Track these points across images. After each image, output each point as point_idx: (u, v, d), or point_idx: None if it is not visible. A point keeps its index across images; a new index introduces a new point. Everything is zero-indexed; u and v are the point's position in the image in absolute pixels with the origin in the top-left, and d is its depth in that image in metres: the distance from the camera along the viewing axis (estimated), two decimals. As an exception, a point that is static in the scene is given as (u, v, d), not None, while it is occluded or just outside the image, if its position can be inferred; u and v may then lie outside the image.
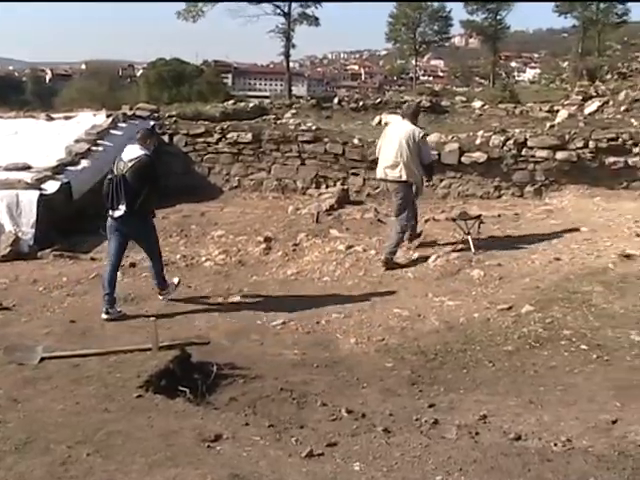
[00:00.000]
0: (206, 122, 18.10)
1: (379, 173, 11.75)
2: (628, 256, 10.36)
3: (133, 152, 9.47)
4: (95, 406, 6.20)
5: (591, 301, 8.77)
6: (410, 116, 11.67)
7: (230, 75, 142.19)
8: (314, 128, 17.07)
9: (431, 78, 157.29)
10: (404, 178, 11.32)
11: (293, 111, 28.36)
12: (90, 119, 17.68)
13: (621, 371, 6.96)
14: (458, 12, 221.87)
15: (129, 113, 18.43)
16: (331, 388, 6.85)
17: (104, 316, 9.23)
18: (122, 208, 9.29)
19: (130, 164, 9.32)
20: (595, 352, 7.40)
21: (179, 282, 10.39)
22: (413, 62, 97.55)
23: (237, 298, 9.88)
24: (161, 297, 9.95)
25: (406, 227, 11.61)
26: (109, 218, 9.48)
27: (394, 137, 11.42)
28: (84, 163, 14.96)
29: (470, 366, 7.34)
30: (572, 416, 5.87)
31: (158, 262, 10.00)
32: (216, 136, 17.00)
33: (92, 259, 11.88)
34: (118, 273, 9.77)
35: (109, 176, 9.45)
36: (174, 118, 18.45)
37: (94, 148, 15.63)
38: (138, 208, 9.35)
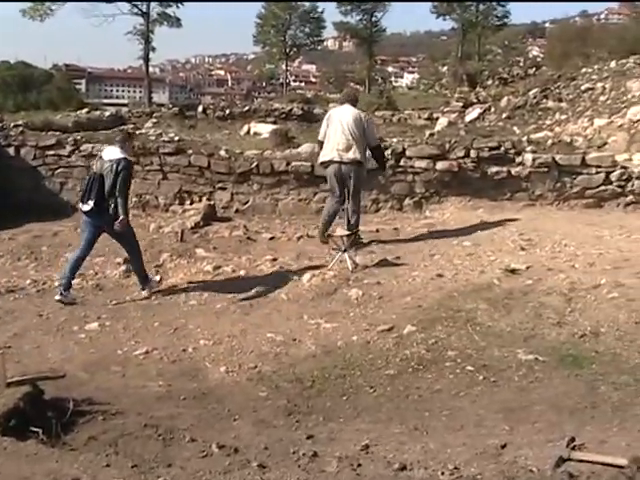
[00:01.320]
0: (57, 133, 17.65)
1: (329, 156, 12.67)
2: (513, 271, 10.68)
3: (113, 153, 10.86)
4: None
5: (476, 319, 8.99)
6: (352, 101, 13.07)
7: (84, 81, 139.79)
8: (177, 139, 16.94)
9: (303, 84, 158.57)
10: (359, 158, 12.48)
11: (154, 120, 28.04)
12: None
13: (509, 392, 7.15)
14: (331, 13, 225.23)
15: (-32, 123, 17.88)
16: (200, 422, 6.79)
17: (57, 297, 10.65)
18: (90, 204, 10.63)
19: (109, 164, 10.70)
20: (481, 373, 7.58)
21: (160, 280, 11.55)
22: (283, 67, 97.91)
23: (95, 325, 9.70)
24: (144, 292, 11.02)
25: (360, 206, 13.01)
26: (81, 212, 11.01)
27: (342, 120, 12.62)
28: None
29: (350, 393, 7.41)
30: (459, 442, 5.98)
31: (137, 259, 11.21)
32: (69, 148, 16.59)
33: None
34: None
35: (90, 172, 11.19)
36: (21, 128, 17.86)
37: None
38: (105, 207, 10.66)
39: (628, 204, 15.11)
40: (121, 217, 10.60)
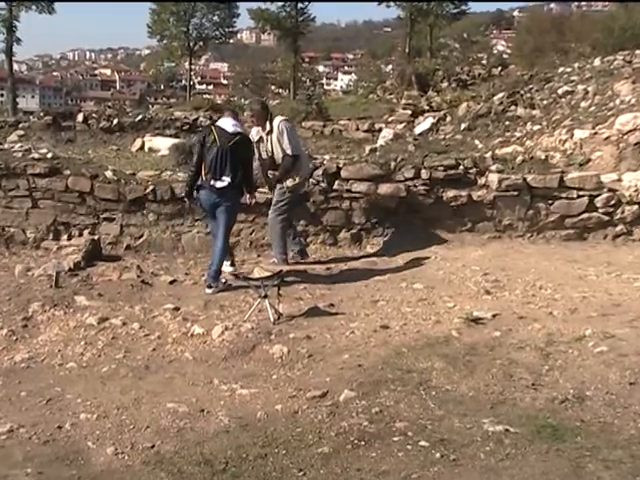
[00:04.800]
0: None
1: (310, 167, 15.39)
2: (476, 320, 10.73)
3: (234, 126, 13.11)
4: None
5: (431, 382, 9.00)
6: None
7: None
8: (50, 156, 16.80)
9: (211, 87, 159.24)
10: None
11: (20, 132, 27.87)
12: None
13: (473, 473, 7.13)
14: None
15: None
16: (80, 520, 6.69)
17: (208, 291, 12.85)
18: (226, 180, 12.83)
19: (236, 138, 12.91)
20: (438, 450, 7.57)
21: (226, 282, 13.16)
22: (186, 65, 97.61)
23: (-57, 398, 9.55)
24: (209, 290, 12.87)
25: None
26: (207, 190, 13.00)
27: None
28: None
29: (273, 477, 7.35)
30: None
31: (225, 246, 13.31)
32: None
33: None
34: None
35: (210, 145, 12.91)
36: None
37: None
38: (237, 183, 12.95)
39: (617, 235, 15.35)
40: (251, 190, 13.59)
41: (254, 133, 14.34)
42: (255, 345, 10.61)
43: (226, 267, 13.56)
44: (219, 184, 12.80)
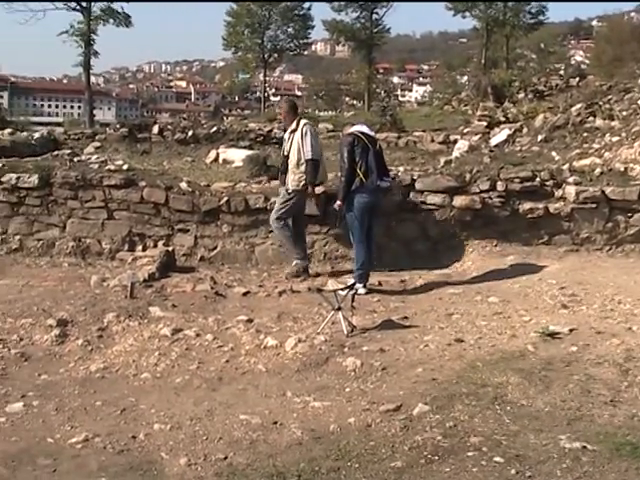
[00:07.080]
0: (-30, 160, 17.66)
1: None
2: (552, 335, 10.60)
3: (372, 130, 14.43)
4: None
5: (506, 396, 8.91)
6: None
7: (5, 93, 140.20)
8: (126, 168, 16.92)
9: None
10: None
11: (97, 144, 28.10)
12: None
13: (549, 491, 7.07)
14: (321, 10, 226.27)
15: None
16: (154, 530, 6.70)
17: (361, 291, 13.12)
18: (388, 179, 13.78)
19: (377, 141, 13.96)
20: (513, 466, 7.47)
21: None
22: (261, 77, 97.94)
23: (19, 406, 9.58)
24: (362, 290, 13.21)
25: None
26: (372, 192, 13.43)
27: None
28: None
29: (346, 490, 7.32)
30: None
31: None
32: (-14, 179, 16.54)
33: None
34: None
35: (362, 150, 13.39)
36: None
37: None
38: None
39: (701, 249, 15.10)
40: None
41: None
42: (328, 358, 10.57)
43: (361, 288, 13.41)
44: (384, 184, 13.54)
